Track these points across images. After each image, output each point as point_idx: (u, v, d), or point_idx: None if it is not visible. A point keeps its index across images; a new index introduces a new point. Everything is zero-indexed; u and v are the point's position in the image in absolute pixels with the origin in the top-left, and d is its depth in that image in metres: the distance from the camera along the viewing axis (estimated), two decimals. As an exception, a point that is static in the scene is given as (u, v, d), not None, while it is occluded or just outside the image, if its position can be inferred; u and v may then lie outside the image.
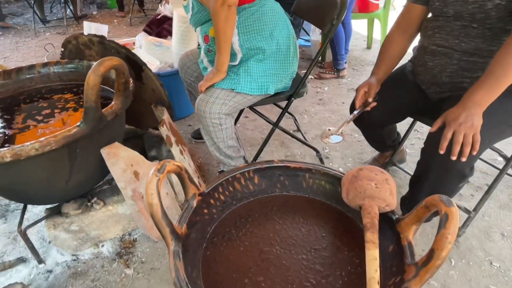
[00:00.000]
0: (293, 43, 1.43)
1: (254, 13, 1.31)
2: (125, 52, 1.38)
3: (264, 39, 1.34)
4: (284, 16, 1.41)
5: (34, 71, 1.44)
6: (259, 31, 1.33)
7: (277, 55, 1.38)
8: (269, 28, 1.34)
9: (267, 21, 1.34)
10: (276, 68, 1.38)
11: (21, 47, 3.91)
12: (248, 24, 1.32)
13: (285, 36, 1.39)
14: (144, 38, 2.26)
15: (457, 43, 1.09)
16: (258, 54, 1.35)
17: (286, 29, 1.39)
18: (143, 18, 4.72)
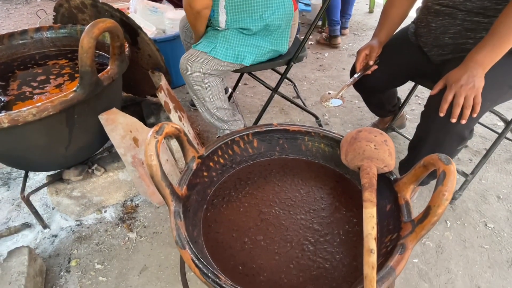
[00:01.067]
0: (286, 21, 1.37)
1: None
2: (119, 15, 1.34)
3: (252, 21, 1.30)
4: None
5: (26, 37, 1.40)
6: (249, 12, 1.29)
7: (265, 32, 1.35)
8: (260, 10, 1.29)
9: (259, 1, 1.29)
10: (259, 41, 1.35)
11: (12, 14, 3.79)
12: (238, 4, 1.28)
13: (277, 17, 1.33)
14: (139, 3, 2.18)
15: (461, 1, 1.05)
16: (244, 30, 1.32)
17: (282, 9, 1.33)
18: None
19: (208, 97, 1.40)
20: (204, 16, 1.29)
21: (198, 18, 1.29)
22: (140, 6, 2.20)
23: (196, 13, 1.25)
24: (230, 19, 1.31)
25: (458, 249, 1.24)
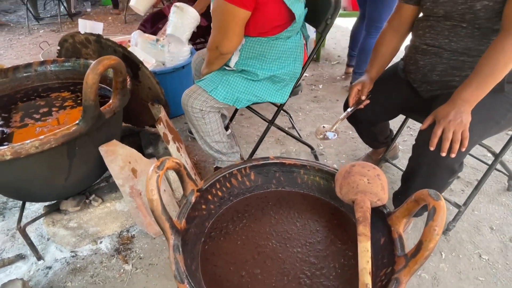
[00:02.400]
0: (292, 76, 1.45)
1: (264, 43, 1.33)
2: (122, 50, 1.40)
3: (262, 69, 1.37)
4: (296, 52, 1.41)
5: (31, 70, 1.45)
6: (261, 60, 1.36)
7: (268, 81, 1.41)
8: (272, 60, 1.37)
9: (274, 53, 1.36)
10: (260, 92, 1.41)
11: (15, 44, 3.89)
12: (253, 51, 1.35)
13: (285, 72, 1.40)
14: (139, 36, 2.26)
15: (446, 42, 1.12)
16: (248, 74, 1.39)
17: (292, 66, 1.41)
18: (138, 15, 4.70)
19: (207, 131, 1.44)
20: (225, 59, 1.37)
21: (219, 59, 1.36)
22: (140, 39, 2.28)
23: (219, 55, 1.33)
24: (241, 61, 1.38)
25: (454, 281, 1.24)
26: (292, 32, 1.37)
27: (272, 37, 1.33)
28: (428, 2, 1.15)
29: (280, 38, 1.35)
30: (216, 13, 1.25)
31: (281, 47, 1.36)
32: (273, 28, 1.31)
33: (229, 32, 1.25)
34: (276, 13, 1.28)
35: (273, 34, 1.33)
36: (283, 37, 1.35)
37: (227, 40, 1.26)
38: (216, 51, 1.31)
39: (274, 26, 1.31)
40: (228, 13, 1.21)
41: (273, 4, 1.25)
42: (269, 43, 1.34)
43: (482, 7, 1.02)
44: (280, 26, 1.32)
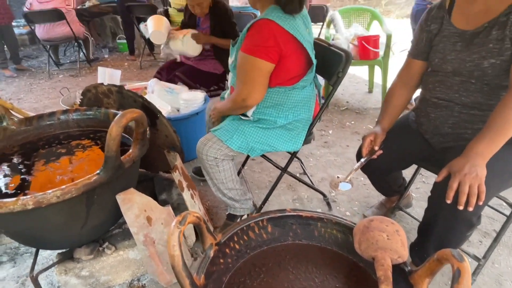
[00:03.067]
0: (306, 123, 1.50)
1: (281, 93, 1.40)
2: (141, 100, 1.46)
3: (277, 117, 1.43)
4: (310, 102, 1.48)
5: (54, 118, 1.51)
6: (278, 109, 1.42)
7: (283, 130, 1.45)
8: (288, 108, 1.42)
9: (290, 103, 1.42)
10: (275, 142, 1.45)
11: (35, 88, 4.07)
12: (270, 100, 1.41)
13: (299, 118, 1.46)
14: (156, 84, 2.36)
15: (457, 97, 1.16)
16: (264, 123, 1.43)
17: (308, 113, 1.48)
18: (153, 61, 4.93)
19: (221, 179, 1.46)
20: (248, 109, 1.42)
21: (242, 110, 1.42)
22: (157, 87, 2.38)
23: (244, 107, 1.39)
24: (258, 110, 1.44)
25: None
26: (307, 82, 1.44)
27: (289, 87, 1.40)
28: (436, 58, 1.21)
29: (296, 88, 1.41)
30: (242, 67, 1.33)
31: (297, 97, 1.42)
32: (291, 78, 1.39)
33: (256, 85, 1.32)
34: (296, 65, 1.37)
35: (290, 84, 1.40)
36: (299, 86, 1.41)
37: (254, 92, 1.33)
38: (242, 103, 1.36)
39: (292, 77, 1.39)
40: (255, 67, 1.29)
41: (296, 56, 1.34)
42: (286, 93, 1.41)
43: (489, 65, 1.07)
44: (298, 76, 1.40)
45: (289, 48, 1.30)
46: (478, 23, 1.10)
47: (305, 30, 1.37)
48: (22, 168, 1.28)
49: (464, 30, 1.14)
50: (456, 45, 1.15)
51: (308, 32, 1.40)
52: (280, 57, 1.31)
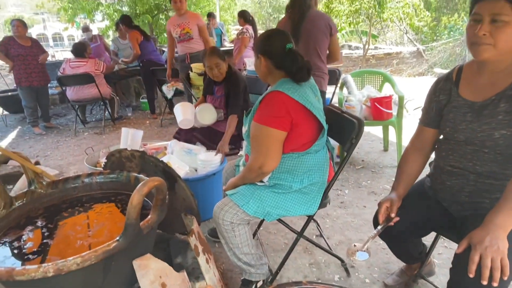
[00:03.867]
0: (320, 186, 1.53)
1: (295, 158, 1.45)
2: (162, 165, 1.52)
3: (293, 181, 1.46)
4: (324, 165, 1.53)
5: (78, 181, 1.58)
6: (293, 174, 1.46)
7: (298, 194, 1.48)
8: (303, 173, 1.46)
9: (304, 168, 1.47)
10: (291, 206, 1.47)
11: (61, 146, 4.27)
12: (285, 166, 1.46)
13: (313, 182, 1.49)
14: (175, 145, 2.46)
15: (471, 165, 1.17)
16: (280, 188, 1.47)
17: (321, 177, 1.51)
18: (173, 119, 5.14)
19: (236, 243, 1.46)
20: (264, 176, 1.46)
21: (259, 177, 1.46)
22: (176, 147, 2.47)
23: (261, 174, 1.43)
24: (273, 175, 1.48)
25: None
26: (319, 147, 1.48)
27: (302, 152, 1.44)
28: (447, 127, 1.24)
29: (310, 153, 1.45)
30: (256, 137, 1.40)
31: (311, 161, 1.46)
32: (304, 144, 1.44)
33: (271, 152, 1.38)
34: (308, 131, 1.44)
35: (303, 150, 1.44)
36: (312, 151, 1.46)
37: (270, 159, 1.38)
38: (258, 170, 1.41)
39: (305, 143, 1.44)
40: (269, 136, 1.37)
41: (307, 123, 1.41)
42: (300, 158, 1.45)
43: (500, 136, 1.09)
44: (310, 142, 1.45)
45: (300, 117, 1.39)
46: (485, 96, 1.14)
47: (314, 97, 1.46)
48: (45, 232, 1.32)
49: (473, 102, 1.18)
50: (466, 116, 1.19)
51: (318, 100, 1.49)
52: (292, 125, 1.38)
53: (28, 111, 4.70)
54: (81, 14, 8.39)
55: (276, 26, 2.65)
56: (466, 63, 1.25)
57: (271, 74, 1.49)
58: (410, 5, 6.12)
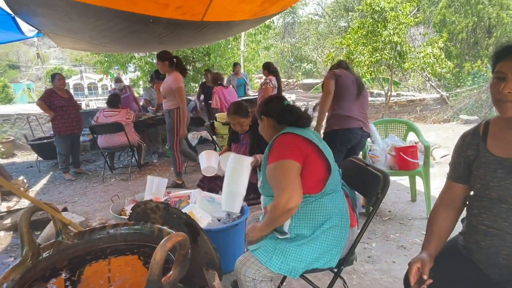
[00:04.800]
0: (341, 231, 1.48)
1: (312, 202, 1.45)
2: (185, 218, 1.53)
3: (314, 227, 1.44)
4: (342, 209, 1.51)
5: (104, 232, 1.60)
6: (312, 219, 1.45)
7: (321, 242, 1.44)
8: (322, 218, 1.45)
9: (323, 211, 1.46)
10: (314, 255, 1.43)
11: (89, 192, 4.39)
12: (304, 211, 1.45)
13: (333, 224, 1.47)
14: (199, 194, 2.48)
15: (506, 225, 1.10)
16: (302, 238, 1.44)
17: (340, 220, 1.48)
18: (196, 167, 5.23)
19: (257, 302, 1.41)
20: (290, 215, 1.42)
21: (285, 215, 1.41)
22: (199, 196, 2.49)
23: (287, 211, 1.38)
24: (294, 224, 1.45)
25: None
26: (334, 186, 1.48)
27: (319, 194, 1.44)
28: (478, 184, 1.20)
29: (326, 194, 1.45)
30: (275, 176, 1.42)
31: (329, 204, 1.46)
32: (318, 182, 1.45)
33: (293, 185, 1.37)
34: (319, 168, 1.48)
35: (319, 190, 1.44)
36: (328, 191, 1.45)
37: (293, 193, 1.36)
38: (284, 208, 1.37)
39: (318, 180, 1.45)
40: (287, 169, 1.39)
41: (317, 160, 1.48)
42: (317, 201, 1.45)
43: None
44: (323, 180, 1.46)
45: (308, 150, 1.46)
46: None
47: (320, 142, 1.52)
48: (68, 285, 1.32)
49: (503, 158, 1.14)
50: (497, 172, 1.15)
51: (323, 145, 1.54)
52: (303, 159, 1.43)
53: (62, 158, 4.93)
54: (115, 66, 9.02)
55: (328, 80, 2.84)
56: (493, 118, 1.23)
57: (275, 131, 1.59)
58: (431, 56, 6.19)
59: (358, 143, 2.86)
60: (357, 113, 2.79)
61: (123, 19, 3.56)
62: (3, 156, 6.58)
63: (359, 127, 2.78)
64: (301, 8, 23.81)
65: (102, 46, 5.31)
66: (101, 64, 8.67)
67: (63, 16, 3.58)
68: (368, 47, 6.64)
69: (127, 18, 3.51)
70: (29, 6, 3.32)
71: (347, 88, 2.80)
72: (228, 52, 9.01)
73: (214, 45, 8.10)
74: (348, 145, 2.81)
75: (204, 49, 8.30)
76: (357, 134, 2.79)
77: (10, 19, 3.73)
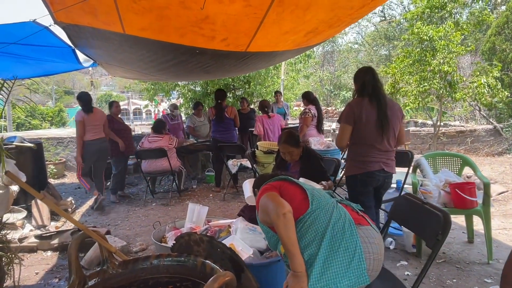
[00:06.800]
0: (351, 233, 1.44)
1: (307, 220, 1.48)
2: (229, 253, 1.48)
3: (318, 241, 1.42)
4: (340, 212, 1.51)
5: (147, 262, 1.58)
6: (312, 234, 1.45)
7: (333, 252, 1.40)
8: (322, 228, 1.45)
9: (319, 222, 1.47)
10: (335, 268, 1.38)
11: (131, 215, 4.48)
12: (303, 232, 1.46)
13: (337, 230, 1.44)
14: (240, 223, 2.43)
15: None
16: (314, 259, 1.39)
17: (341, 223, 1.46)
18: (235, 194, 5.21)
19: None
20: (291, 219, 1.41)
21: (287, 224, 1.39)
22: (241, 225, 2.43)
23: (283, 215, 1.39)
24: (302, 246, 1.43)
25: None
26: (319, 199, 1.54)
27: (308, 210, 1.49)
28: None
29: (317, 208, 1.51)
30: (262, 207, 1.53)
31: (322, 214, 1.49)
32: (301, 201, 1.55)
33: (275, 200, 1.47)
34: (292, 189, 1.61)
35: (306, 207, 1.51)
36: (316, 205, 1.51)
37: (277, 202, 1.45)
38: (279, 216, 1.39)
39: (300, 200, 1.55)
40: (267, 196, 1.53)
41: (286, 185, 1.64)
42: (311, 217, 1.48)
43: None
44: (304, 198, 1.55)
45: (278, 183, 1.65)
46: None
47: None
48: (111, 318, 1.30)
49: None
50: None
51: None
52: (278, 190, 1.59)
53: (117, 178, 5.19)
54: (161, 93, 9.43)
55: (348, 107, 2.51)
56: None
57: None
58: (485, 85, 5.84)
59: (382, 185, 2.56)
60: (376, 153, 2.44)
61: (171, 51, 3.73)
62: (55, 176, 6.97)
63: (380, 168, 2.45)
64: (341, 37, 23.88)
65: (150, 75, 5.59)
66: (148, 91, 9.10)
67: (117, 48, 3.83)
68: (415, 76, 6.41)
69: (174, 50, 3.67)
70: (87, 39, 3.58)
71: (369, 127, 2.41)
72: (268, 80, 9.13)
73: (254, 73, 8.26)
74: (371, 187, 2.54)
75: (245, 77, 8.47)
76: (379, 177, 2.48)
77: (70, 51, 4.04)
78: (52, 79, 27.39)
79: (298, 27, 3.37)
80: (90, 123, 4.60)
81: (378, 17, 22.69)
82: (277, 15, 2.86)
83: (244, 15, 2.81)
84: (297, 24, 3.28)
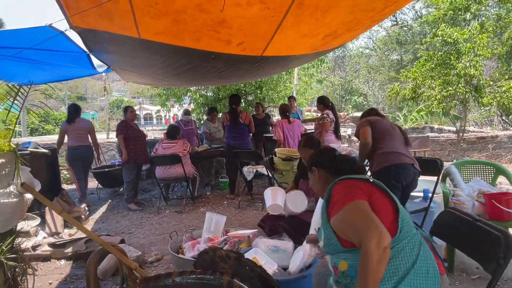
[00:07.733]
0: (433, 283, 1.25)
1: (390, 249, 1.23)
2: (259, 271, 1.36)
3: (395, 281, 1.22)
4: (426, 252, 1.30)
5: (169, 280, 1.47)
6: (393, 270, 1.24)
7: None
8: (405, 267, 1.24)
9: (404, 257, 1.25)
10: None
11: (144, 223, 4.39)
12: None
13: (419, 274, 1.24)
14: (260, 244, 2.29)
15: None
16: None
17: (425, 267, 1.26)
18: (250, 201, 5.08)
19: None
20: (388, 256, 1.19)
21: (383, 259, 1.17)
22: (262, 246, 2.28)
23: (383, 251, 1.16)
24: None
25: None
26: (408, 226, 1.30)
27: (395, 237, 1.26)
28: None
29: (404, 238, 1.28)
30: (348, 220, 1.28)
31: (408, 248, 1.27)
32: (390, 223, 1.29)
33: (375, 222, 1.21)
34: (385, 204, 1.34)
35: (394, 232, 1.27)
36: (404, 234, 1.29)
37: (381, 229, 1.19)
38: (378, 248, 1.15)
39: (390, 221, 1.29)
40: (361, 209, 1.27)
41: (379, 195, 1.36)
42: (395, 248, 1.26)
43: None
44: (393, 220, 1.30)
45: (369, 190, 1.36)
46: None
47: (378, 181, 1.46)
48: None
49: None
50: None
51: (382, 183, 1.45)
52: (367, 197, 1.32)
53: (130, 186, 5.05)
54: (173, 98, 9.39)
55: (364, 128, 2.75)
56: None
57: (327, 183, 1.50)
58: (514, 90, 5.60)
59: (412, 181, 2.62)
60: (404, 151, 2.65)
61: (185, 55, 3.66)
62: (68, 182, 6.94)
63: (411, 163, 2.59)
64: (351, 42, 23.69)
65: (164, 80, 5.54)
66: (160, 96, 9.08)
67: (132, 53, 3.77)
68: (438, 80, 6.19)
69: (189, 54, 3.60)
70: (102, 44, 3.53)
71: (387, 129, 2.74)
72: (280, 85, 9.03)
73: (266, 78, 8.17)
74: (404, 182, 2.56)
75: (256, 82, 8.38)
76: (410, 171, 2.57)
77: (85, 56, 4.00)
78: (65, 85, 27.81)
79: (317, 29, 3.26)
80: (73, 131, 5.00)
81: (389, 22, 22.48)
82: (296, 18, 2.77)
83: (262, 18, 2.72)
84: (316, 27, 3.18)
